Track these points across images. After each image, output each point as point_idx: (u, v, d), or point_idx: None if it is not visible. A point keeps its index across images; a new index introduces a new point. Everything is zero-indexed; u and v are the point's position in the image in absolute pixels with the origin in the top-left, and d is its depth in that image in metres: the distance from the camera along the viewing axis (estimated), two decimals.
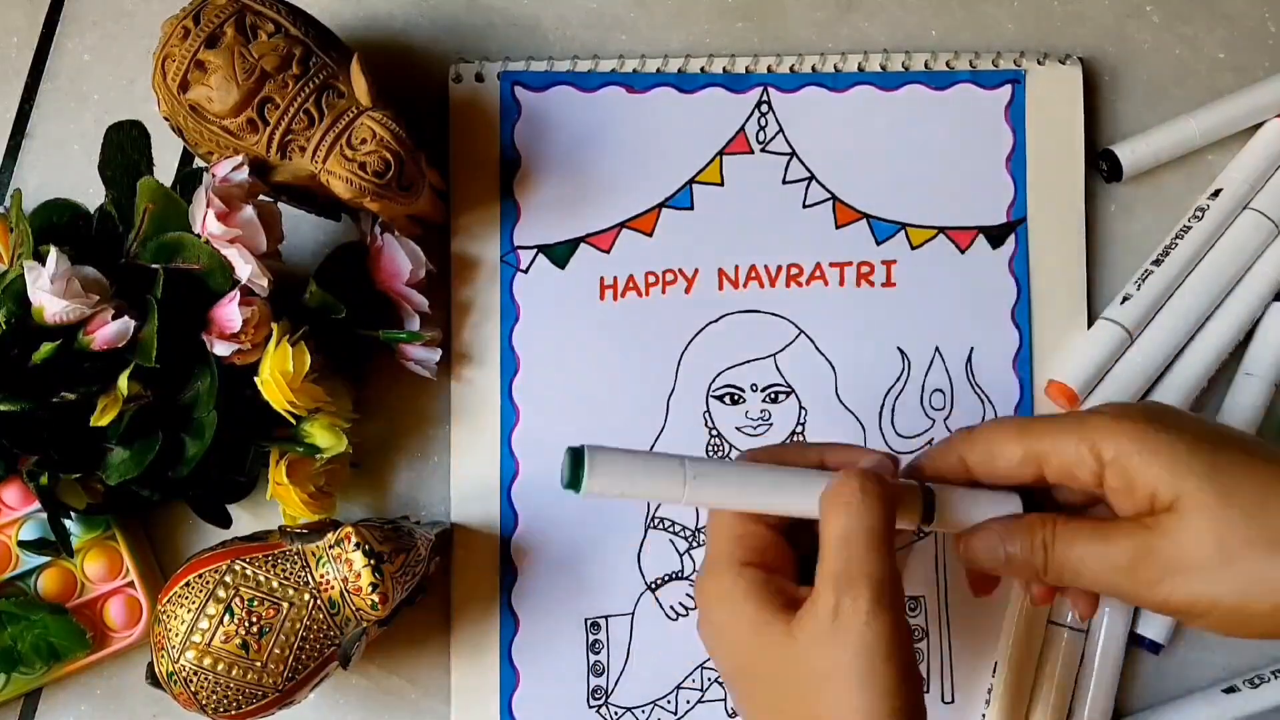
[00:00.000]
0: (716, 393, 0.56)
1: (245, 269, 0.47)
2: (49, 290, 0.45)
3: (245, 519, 0.55)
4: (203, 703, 0.46)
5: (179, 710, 0.48)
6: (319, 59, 0.48)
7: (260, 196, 0.49)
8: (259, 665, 0.46)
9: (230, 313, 0.47)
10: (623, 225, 0.56)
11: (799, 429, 0.56)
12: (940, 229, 0.57)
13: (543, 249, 0.56)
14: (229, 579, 0.46)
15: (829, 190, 0.57)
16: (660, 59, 0.57)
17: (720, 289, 0.56)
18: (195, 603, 0.46)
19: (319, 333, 0.50)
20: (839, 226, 0.57)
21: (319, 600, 0.47)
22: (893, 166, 0.57)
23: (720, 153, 0.56)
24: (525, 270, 0.56)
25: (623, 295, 0.56)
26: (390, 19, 0.58)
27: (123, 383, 0.47)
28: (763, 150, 0.57)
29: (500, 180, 0.56)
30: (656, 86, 0.56)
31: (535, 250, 0.56)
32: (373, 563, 0.46)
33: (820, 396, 0.56)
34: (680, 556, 0.55)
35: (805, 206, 0.57)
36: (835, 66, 0.57)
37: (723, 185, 0.56)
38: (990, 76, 0.57)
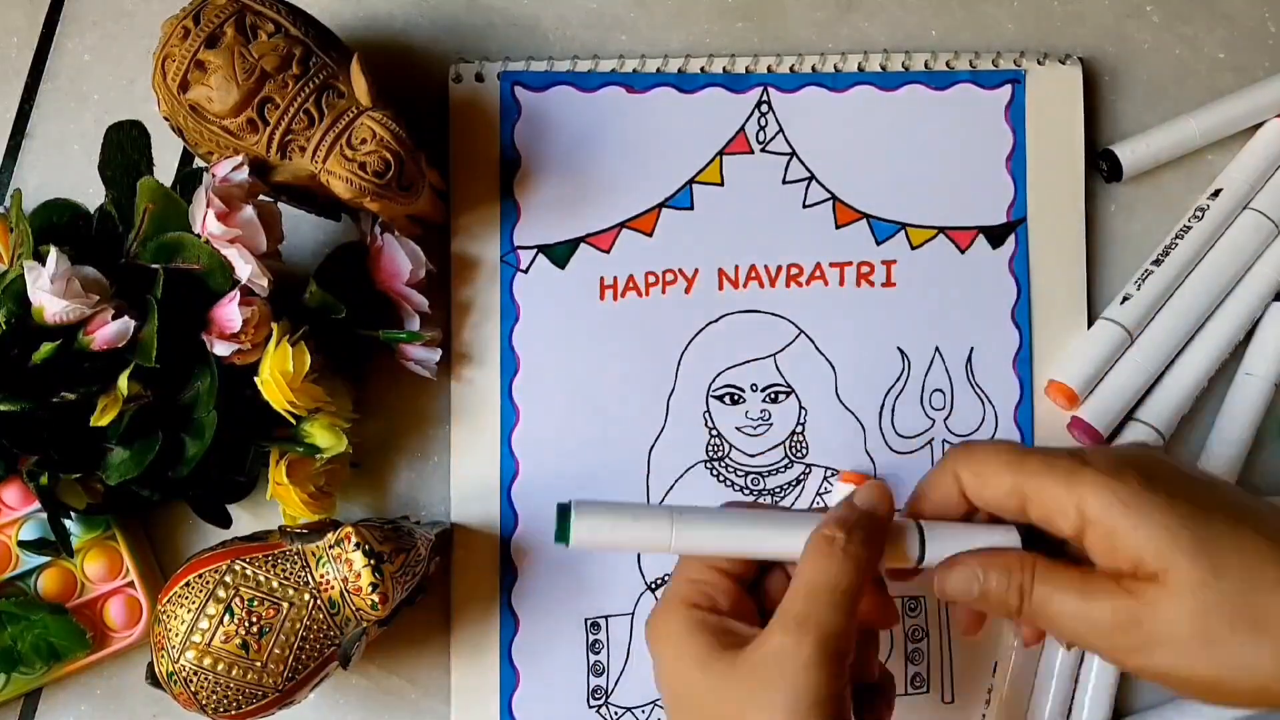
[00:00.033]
0: (716, 393, 0.56)
1: (245, 269, 0.47)
2: (49, 290, 0.45)
3: (245, 519, 0.55)
4: (203, 703, 0.46)
5: (179, 710, 0.48)
6: (319, 59, 0.48)
7: (260, 196, 0.49)
8: (259, 665, 0.46)
9: (230, 313, 0.47)
10: (623, 225, 0.56)
11: (799, 429, 0.56)
12: (940, 229, 0.57)
13: (543, 249, 0.56)
14: (229, 579, 0.46)
15: (829, 190, 0.57)
16: (660, 59, 0.57)
17: (720, 289, 0.56)
18: (195, 603, 0.46)
19: (319, 333, 0.50)
20: (839, 226, 0.57)
21: (319, 600, 0.47)
22: (893, 166, 0.57)
23: (720, 153, 0.56)
24: (525, 270, 0.56)
25: (623, 295, 0.56)
26: (390, 19, 0.58)
27: (123, 383, 0.47)
28: (763, 150, 0.57)
29: (500, 180, 0.56)
30: (656, 86, 0.56)
31: (535, 250, 0.56)
32: (373, 563, 0.46)
33: (820, 396, 0.56)
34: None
35: (805, 206, 0.57)
36: (835, 66, 0.57)
37: (723, 185, 0.56)
38: (990, 76, 0.57)
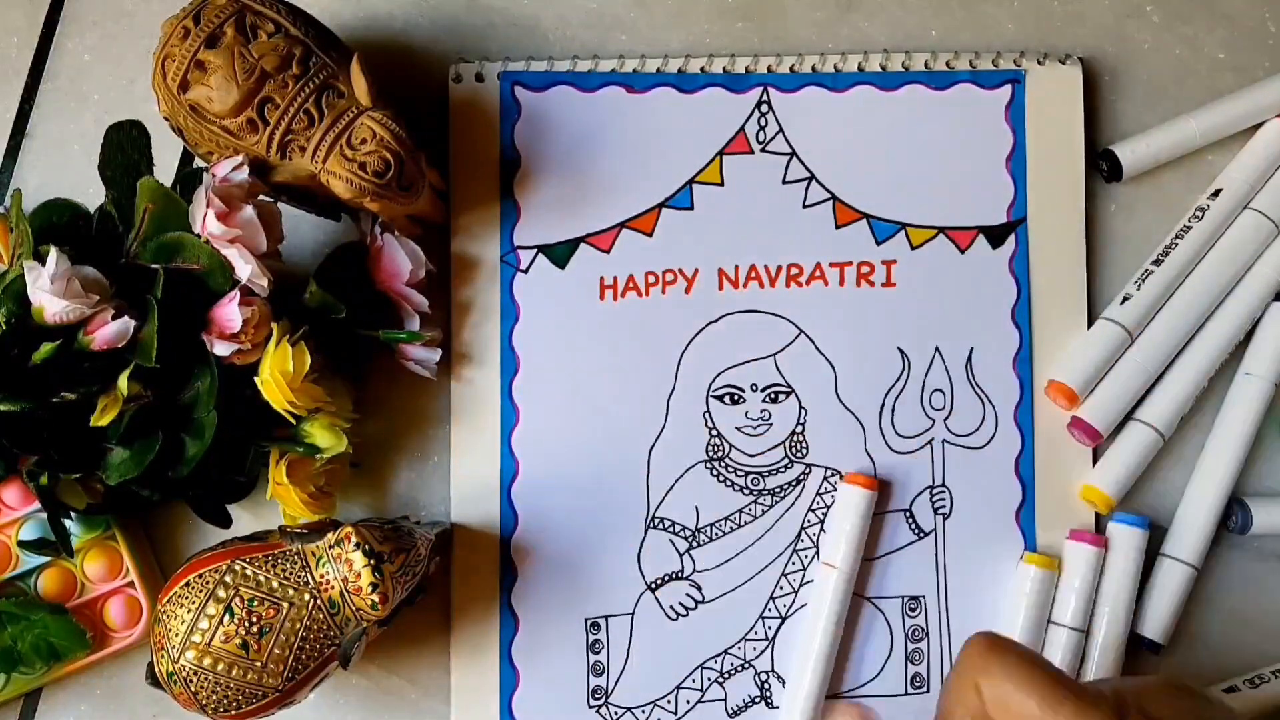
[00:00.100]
0: (716, 393, 0.56)
1: (245, 269, 0.47)
2: (49, 290, 0.45)
3: (245, 519, 0.55)
4: (203, 703, 0.46)
5: (179, 710, 0.48)
6: (319, 59, 0.48)
7: (260, 196, 0.49)
8: (259, 665, 0.46)
9: (230, 313, 0.47)
10: (623, 225, 0.56)
11: (799, 429, 0.56)
12: (940, 229, 0.57)
13: (543, 249, 0.56)
14: (229, 579, 0.46)
15: (829, 190, 0.57)
16: (660, 59, 0.57)
17: (720, 289, 0.56)
18: (195, 603, 0.46)
19: (319, 333, 0.50)
20: (839, 226, 0.57)
21: (319, 600, 0.46)
22: (893, 166, 0.57)
23: (720, 153, 0.56)
24: (525, 270, 0.56)
25: (623, 295, 0.56)
26: (390, 19, 0.58)
27: (123, 383, 0.47)
28: (763, 150, 0.57)
29: (500, 180, 0.56)
30: (656, 86, 0.56)
31: (535, 250, 0.56)
32: (373, 563, 0.46)
33: (820, 396, 0.56)
34: (680, 556, 0.55)
35: (805, 206, 0.57)
36: (835, 66, 0.57)
37: (723, 185, 0.56)
38: (990, 76, 0.57)
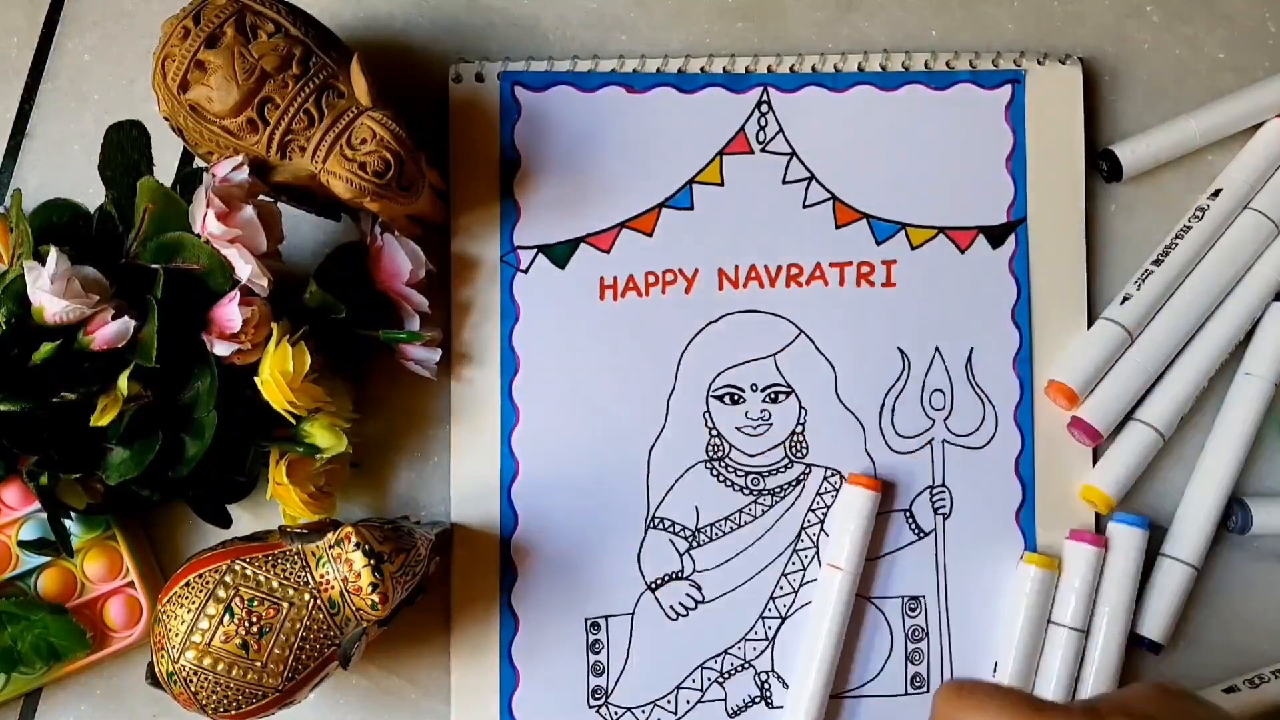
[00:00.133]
0: (716, 393, 0.56)
1: (245, 269, 0.47)
2: (49, 290, 0.45)
3: (245, 519, 0.55)
4: (203, 703, 0.46)
5: (179, 710, 0.48)
6: (319, 59, 0.48)
7: (260, 196, 0.49)
8: (259, 665, 0.46)
9: (230, 313, 0.47)
10: (623, 225, 0.56)
11: (799, 429, 0.56)
12: (940, 229, 0.57)
13: (543, 249, 0.56)
14: (229, 579, 0.46)
15: (829, 190, 0.57)
16: (660, 59, 0.57)
17: (720, 289, 0.56)
18: (195, 603, 0.46)
19: (319, 333, 0.50)
20: (839, 226, 0.57)
21: (319, 600, 0.46)
22: (893, 166, 0.57)
23: (720, 153, 0.56)
24: (525, 270, 0.56)
25: (623, 295, 0.56)
26: (390, 19, 0.58)
27: (123, 383, 0.47)
28: (763, 150, 0.57)
29: (500, 180, 0.56)
30: (656, 86, 0.56)
31: (535, 250, 0.56)
32: (373, 563, 0.46)
33: (820, 396, 0.56)
34: (680, 556, 0.55)
35: (805, 206, 0.57)
36: (835, 66, 0.57)
37: (723, 185, 0.56)
38: (990, 76, 0.57)
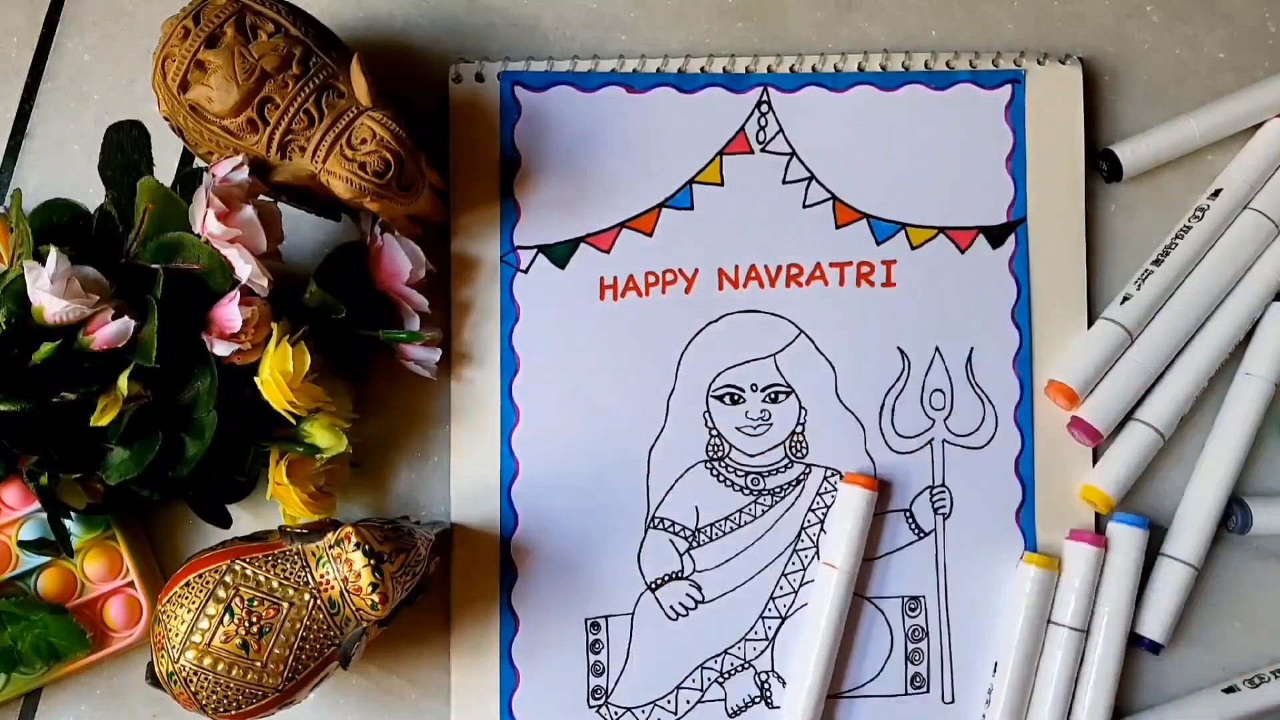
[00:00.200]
0: (716, 393, 0.56)
1: (245, 269, 0.47)
2: (49, 290, 0.45)
3: (245, 519, 0.55)
4: (203, 703, 0.46)
5: (179, 710, 0.48)
6: (319, 59, 0.48)
7: (260, 196, 0.49)
8: (259, 665, 0.46)
9: (230, 313, 0.47)
10: (623, 225, 0.56)
11: (799, 429, 0.56)
12: (940, 229, 0.57)
13: (543, 249, 0.56)
14: (229, 579, 0.46)
15: (829, 190, 0.57)
16: (660, 59, 0.57)
17: (720, 289, 0.56)
18: (195, 603, 0.46)
19: (319, 333, 0.50)
20: (839, 226, 0.57)
21: (319, 600, 0.46)
22: (893, 166, 0.57)
23: (720, 153, 0.56)
24: (525, 270, 0.56)
25: (623, 295, 0.56)
26: (390, 19, 0.58)
27: (123, 383, 0.47)
28: (763, 150, 0.57)
29: (500, 180, 0.56)
30: (656, 86, 0.56)
31: (535, 250, 0.56)
32: (373, 563, 0.46)
33: (820, 396, 0.56)
34: (680, 556, 0.55)
35: (805, 206, 0.57)
36: (835, 66, 0.57)
37: (723, 185, 0.56)
38: (990, 76, 0.57)
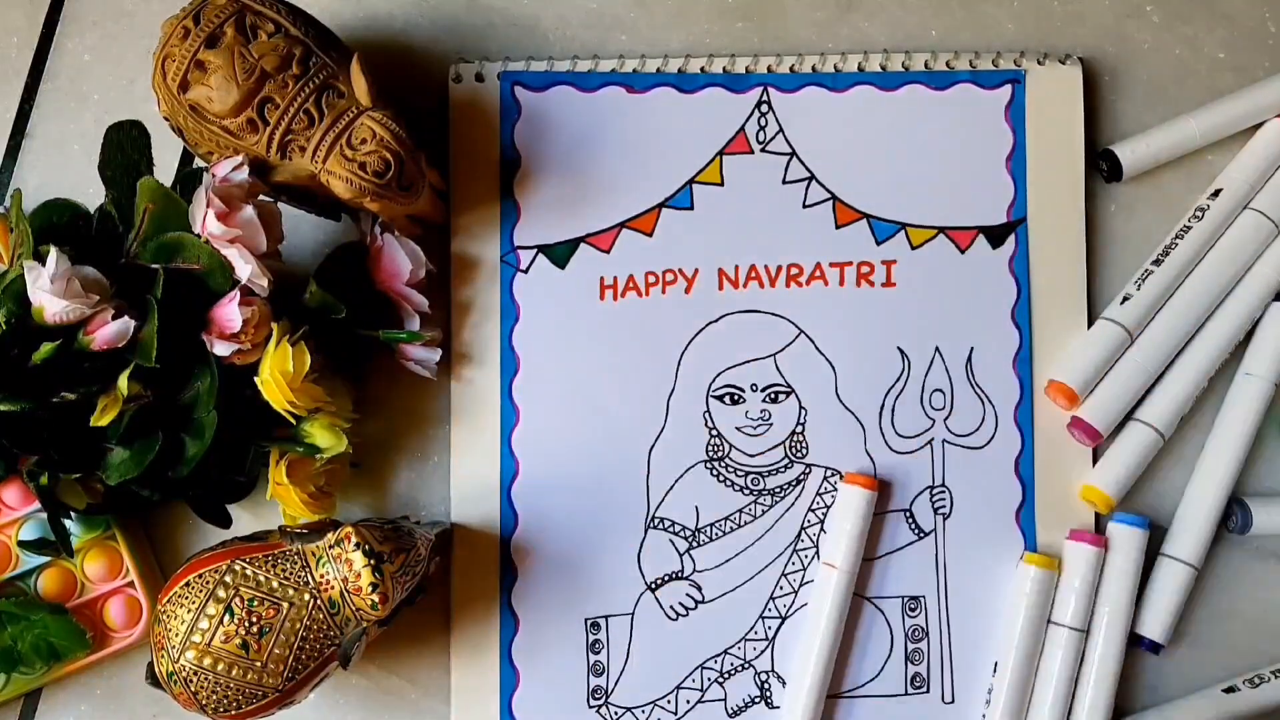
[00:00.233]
0: (716, 393, 0.56)
1: (245, 269, 0.47)
2: (49, 290, 0.45)
3: (245, 519, 0.55)
4: (203, 703, 0.46)
5: (179, 710, 0.48)
6: (319, 59, 0.48)
7: (260, 196, 0.49)
8: (259, 665, 0.46)
9: (230, 313, 0.47)
10: (623, 225, 0.56)
11: (799, 429, 0.56)
12: (940, 229, 0.57)
13: (543, 249, 0.56)
14: (229, 579, 0.46)
15: (829, 190, 0.57)
16: (660, 59, 0.57)
17: (720, 289, 0.56)
18: (195, 603, 0.46)
19: (319, 333, 0.50)
20: (839, 226, 0.57)
21: (319, 600, 0.46)
22: (893, 166, 0.57)
23: (720, 153, 0.56)
24: (525, 270, 0.56)
25: (623, 295, 0.56)
26: (390, 19, 0.58)
27: (123, 383, 0.47)
28: (763, 150, 0.57)
29: (500, 180, 0.56)
30: (656, 86, 0.56)
31: (535, 250, 0.56)
32: (373, 563, 0.46)
33: (820, 396, 0.56)
34: (680, 556, 0.55)
35: (805, 206, 0.57)
36: (835, 66, 0.57)
37: (723, 185, 0.56)
38: (990, 76, 0.57)
